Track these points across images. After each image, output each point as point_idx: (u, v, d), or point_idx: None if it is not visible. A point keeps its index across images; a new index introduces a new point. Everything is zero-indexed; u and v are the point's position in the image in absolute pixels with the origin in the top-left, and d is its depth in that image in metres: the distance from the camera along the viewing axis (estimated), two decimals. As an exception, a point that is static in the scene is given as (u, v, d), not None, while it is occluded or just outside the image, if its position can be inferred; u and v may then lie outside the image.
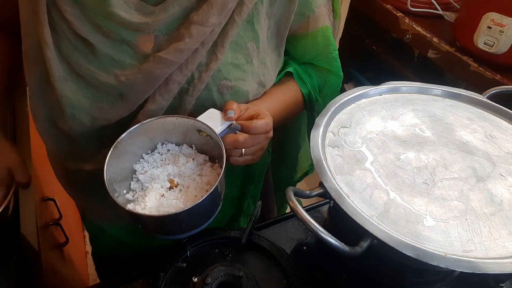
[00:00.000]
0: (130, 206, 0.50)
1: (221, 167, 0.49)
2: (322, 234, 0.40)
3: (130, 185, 0.53)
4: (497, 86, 0.67)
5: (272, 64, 0.65)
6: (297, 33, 0.65)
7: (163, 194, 0.51)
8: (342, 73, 0.72)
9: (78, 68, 0.53)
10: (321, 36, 0.66)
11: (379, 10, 1.41)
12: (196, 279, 0.50)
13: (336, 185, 0.45)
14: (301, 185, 0.58)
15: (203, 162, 0.56)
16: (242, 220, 0.82)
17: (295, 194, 0.44)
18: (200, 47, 0.54)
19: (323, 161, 0.48)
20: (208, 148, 0.56)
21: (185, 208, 0.45)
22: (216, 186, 0.47)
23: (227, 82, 0.58)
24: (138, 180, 0.53)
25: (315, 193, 0.46)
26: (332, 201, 0.51)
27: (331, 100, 0.73)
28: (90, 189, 0.64)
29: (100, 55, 0.52)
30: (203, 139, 0.55)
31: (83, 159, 0.60)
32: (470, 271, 0.38)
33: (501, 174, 0.50)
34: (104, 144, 0.53)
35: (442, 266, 0.39)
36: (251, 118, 0.55)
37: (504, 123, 0.59)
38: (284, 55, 0.69)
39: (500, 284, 0.56)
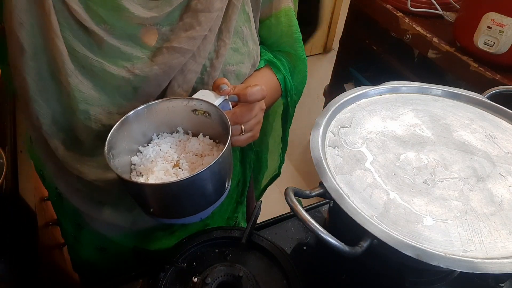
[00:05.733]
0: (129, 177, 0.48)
1: (226, 142, 0.47)
2: (322, 234, 0.40)
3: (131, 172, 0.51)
4: (497, 86, 0.66)
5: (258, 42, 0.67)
6: (261, 15, 0.67)
7: (167, 171, 0.49)
8: (305, 56, 0.73)
9: (84, 60, 0.50)
10: (284, 16, 0.68)
11: (379, 10, 1.41)
12: (196, 279, 0.50)
13: (336, 185, 0.45)
14: (301, 185, 0.58)
15: (205, 142, 0.54)
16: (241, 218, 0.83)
17: (295, 194, 0.44)
18: (208, 33, 0.55)
19: (323, 161, 0.48)
20: (205, 129, 0.54)
21: (188, 176, 0.42)
22: (223, 155, 0.44)
23: (230, 67, 0.59)
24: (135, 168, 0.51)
25: (315, 193, 0.46)
26: (332, 201, 0.51)
27: (300, 86, 0.75)
28: (100, 195, 0.62)
29: (107, 47, 0.51)
30: (199, 119, 0.53)
31: (99, 165, 0.57)
32: (470, 271, 0.38)
33: (501, 174, 0.50)
34: None
35: (442, 266, 0.39)
36: None
37: (504, 123, 0.59)
38: None
39: (500, 284, 0.56)
